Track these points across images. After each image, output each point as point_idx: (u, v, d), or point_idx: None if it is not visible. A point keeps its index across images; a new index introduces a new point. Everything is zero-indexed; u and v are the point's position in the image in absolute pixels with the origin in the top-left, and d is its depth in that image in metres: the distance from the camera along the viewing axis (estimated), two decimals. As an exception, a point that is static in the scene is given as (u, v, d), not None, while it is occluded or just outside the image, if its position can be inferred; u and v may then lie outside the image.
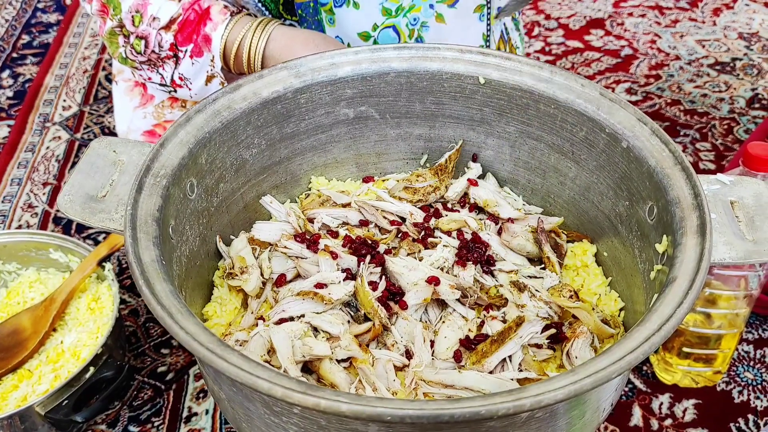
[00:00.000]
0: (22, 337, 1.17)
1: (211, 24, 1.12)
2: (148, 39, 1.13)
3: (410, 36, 1.25)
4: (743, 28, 2.15)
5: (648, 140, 0.84)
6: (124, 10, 1.14)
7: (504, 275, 0.91)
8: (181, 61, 1.14)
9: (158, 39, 1.13)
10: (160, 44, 1.14)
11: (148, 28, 1.13)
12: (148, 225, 0.71)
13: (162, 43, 1.13)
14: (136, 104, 1.36)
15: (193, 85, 1.17)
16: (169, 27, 1.13)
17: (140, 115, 1.35)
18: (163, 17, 1.12)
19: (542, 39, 2.14)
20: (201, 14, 1.12)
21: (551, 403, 0.57)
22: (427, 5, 1.24)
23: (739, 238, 0.77)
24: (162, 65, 1.16)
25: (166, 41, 1.13)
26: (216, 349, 0.60)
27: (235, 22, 1.12)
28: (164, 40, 1.13)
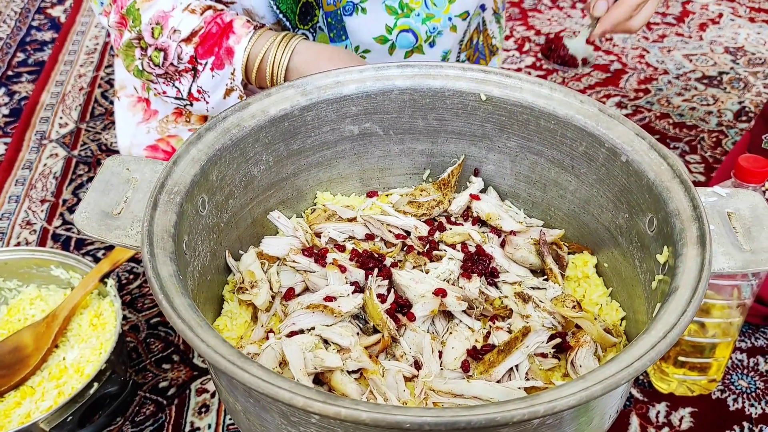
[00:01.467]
0: (23, 354, 1.18)
1: (234, 37, 1.13)
2: (167, 51, 1.14)
3: (426, 41, 1.32)
4: (729, 42, 2.20)
5: (646, 154, 0.87)
6: (144, 22, 1.15)
7: (508, 287, 0.93)
8: (200, 74, 1.15)
9: (178, 51, 1.14)
10: (180, 56, 1.15)
11: (168, 40, 1.14)
12: (164, 241, 0.73)
13: (182, 55, 1.14)
14: (139, 119, 1.37)
15: (211, 98, 1.17)
16: (189, 39, 1.14)
17: (143, 130, 1.37)
18: (185, 30, 1.13)
19: (533, 54, 2.18)
20: (223, 27, 1.13)
21: (564, 409, 0.59)
22: (446, 17, 1.31)
23: (737, 248, 0.79)
24: (179, 78, 1.17)
25: (186, 53, 1.14)
26: (236, 361, 0.62)
27: (259, 36, 1.13)
28: (184, 52, 1.14)
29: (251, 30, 1.13)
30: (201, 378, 1.28)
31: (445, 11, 1.31)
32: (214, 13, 1.15)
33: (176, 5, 1.15)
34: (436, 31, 1.31)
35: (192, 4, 1.16)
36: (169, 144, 1.34)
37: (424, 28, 1.30)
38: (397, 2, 1.27)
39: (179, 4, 1.15)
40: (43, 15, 2.43)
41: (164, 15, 1.15)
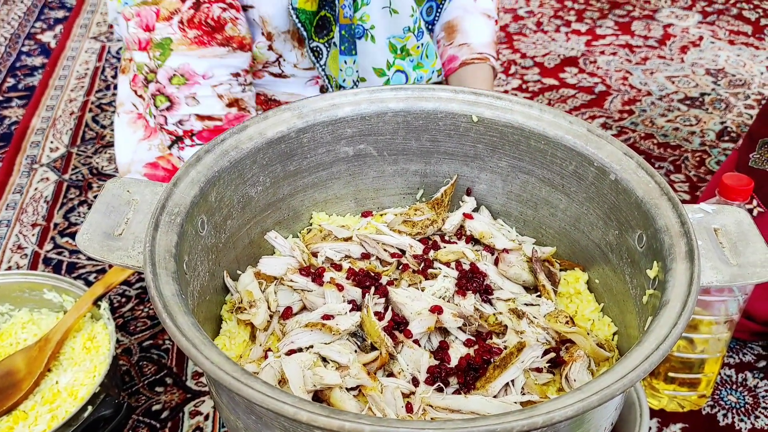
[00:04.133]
0: (16, 379, 1.17)
1: None
2: (174, 106, 1.16)
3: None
4: (710, 64, 2.25)
5: (635, 172, 0.89)
6: (169, 63, 1.15)
7: (502, 303, 0.95)
8: (186, 149, 1.19)
9: (184, 117, 1.17)
10: (182, 122, 1.17)
11: (181, 97, 1.16)
12: (166, 261, 0.74)
13: (185, 123, 1.17)
14: (140, 136, 1.38)
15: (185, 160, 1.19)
16: (202, 119, 1.16)
17: (145, 147, 1.38)
18: (203, 108, 1.16)
19: (519, 77, 2.22)
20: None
21: (562, 420, 0.60)
22: (431, 71, 1.40)
23: (724, 262, 0.82)
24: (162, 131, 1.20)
25: (190, 126, 1.17)
26: (241, 377, 0.63)
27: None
28: (190, 123, 1.17)
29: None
30: (194, 400, 1.29)
31: (433, 65, 1.40)
32: (238, 112, 1.19)
33: (209, 75, 1.17)
34: (422, 80, 1.39)
35: (222, 87, 1.18)
36: (170, 162, 1.36)
37: (414, 74, 1.36)
38: (401, 45, 1.32)
39: (212, 77, 1.17)
40: (33, 40, 2.44)
41: (193, 74, 1.16)
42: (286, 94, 1.32)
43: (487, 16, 1.42)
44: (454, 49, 1.40)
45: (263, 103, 1.33)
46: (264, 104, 1.33)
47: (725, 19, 2.50)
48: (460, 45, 1.40)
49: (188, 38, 1.15)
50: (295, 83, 1.32)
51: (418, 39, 1.35)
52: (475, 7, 1.42)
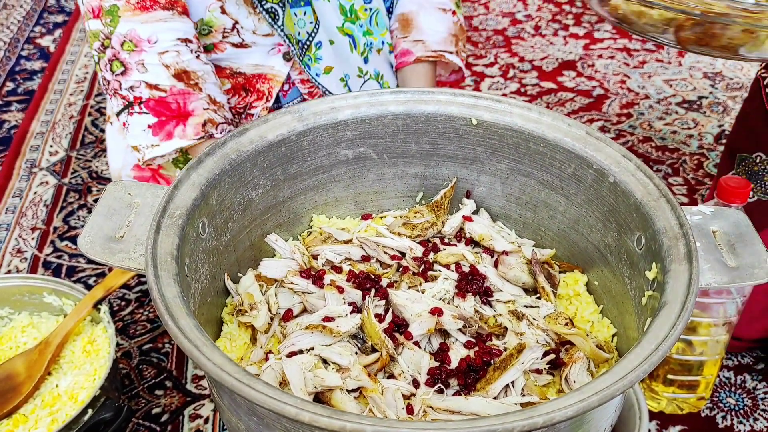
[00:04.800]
0: (16, 382, 1.17)
1: (181, 131, 1.20)
2: (127, 72, 1.19)
3: (362, 54, 1.40)
4: (707, 68, 2.26)
5: (633, 175, 0.90)
6: (119, 30, 1.18)
7: (502, 305, 0.95)
8: (134, 115, 1.20)
9: (135, 84, 1.19)
10: (133, 88, 1.19)
11: (132, 63, 1.19)
12: (168, 263, 0.75)
13: (135, 90, 1.19)
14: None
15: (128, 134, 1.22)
16: (151, 87, 1.18)
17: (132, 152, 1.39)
18: (150, 76, 1.18)
19: (517, 80, 2.23)
20: (181, 113, 1.19)
21: (562, 420, 0.60)
22: (381, 40, 1.41)
23: (723, 264, 0.82)
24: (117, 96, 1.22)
25: (140, 93, 1.19)
26: (243, 379, 0.63)
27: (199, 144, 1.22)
28: (140, 90, 1.19)
29: (196, 139, 1.20)
30: (194, 403, 1.29)
31: (383, 34, 1.41)
32: (185, 87, 1.19)
33: (153, 40, 1.18)
34: (371, 47, 1.40)
35: (168, 55, 1.19)
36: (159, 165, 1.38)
37: (363, 39, 1.38)
38: (349, 5, 1.35)
39: (157, 42, 1.19)
40: (33, 45, 2.45)
41: (140, 40, 1.18)
42: (251, 65, 1.32)
43: (443, 10, 1.42)
44: (408, 44, 1.41)
45: (229, 77, 1.33)
46: (230, 77, 1.33)
47: (722, 23, 2.50)
48: (415, 41, 1.40)
49: (131, 4, 1.18)
50: (257, 52, 1.31)
51: (366, 2, 1.37)
52: (429, 1, 1.42)
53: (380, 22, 1.41)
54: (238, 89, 1.33)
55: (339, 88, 1.37)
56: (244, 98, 1.34)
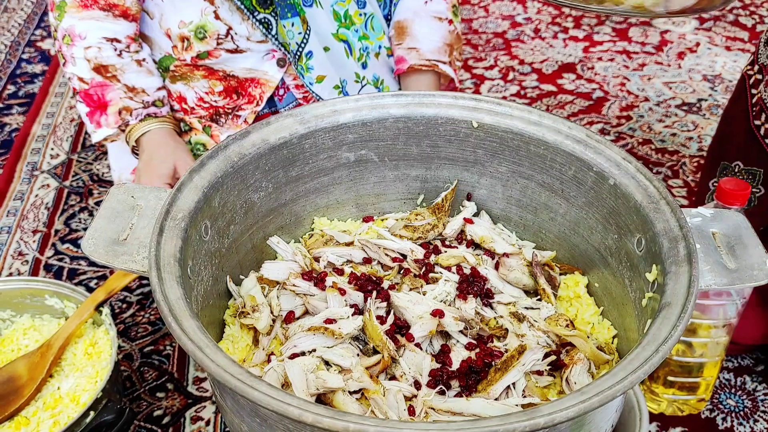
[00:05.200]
0: (17, 385, 1.18)
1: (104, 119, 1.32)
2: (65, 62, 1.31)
3: (359, 59, 1.42)
4: (707, 70, 2.27)
5: (633, 177, 0.90)
6: (62, 24, 1.29)
7: (503, 307, 0.95)
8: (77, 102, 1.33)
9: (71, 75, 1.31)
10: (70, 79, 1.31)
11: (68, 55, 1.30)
12: (171, 265, 0.75)
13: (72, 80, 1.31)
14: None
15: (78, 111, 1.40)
16: (80, 80, 1.30)
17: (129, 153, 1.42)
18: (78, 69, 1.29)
19: (517, 83, 2.23)
20: (100, 103, 1.31)
21: (563, 421, 0.61)
22: (377, 44, 1.43)
23: (722, 266, 0.82)
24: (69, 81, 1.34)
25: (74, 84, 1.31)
26: (246, 380, 0.63)
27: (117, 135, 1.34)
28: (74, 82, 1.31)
29: (116, 128, 1.32)
30: (195, 406, 1.29)
31: (380, 38, 1.43)
32: (102, 79, 1.29)
33: (83, 36, 1.28)
34: (368, 51, 1.42)
35: (90, 51, 1.28)
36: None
37: (358, 44, 1.40)
38: (343, 10, 1.37)
39: (85, 39, 1.28)
40: (34, 48, 2.45)
41: (75, 35, 1.28)
42: (245, 69, 1.35)
43: (438, 18, 1.43)
44: (403, 51, 1.42)
45: (221, 79, 1.35)
46: (222, 80, 1.35)
47: (722, 26, 2.51)
48: (409, 48, 1.42)
49: (77, 1, 1.28)
50: (251, 57, 1.34)
51: (359, 6, 1.38)
52: (425, 10, 1.43)
53: (376, 26, 1.42)
54: (229, 92, 1.36)
55: (333, 95, 1.39)
56: (235, 101, 1.36)
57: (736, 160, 1.36)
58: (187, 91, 1.37)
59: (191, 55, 1.31)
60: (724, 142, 1.41)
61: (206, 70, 1.34)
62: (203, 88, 1.36)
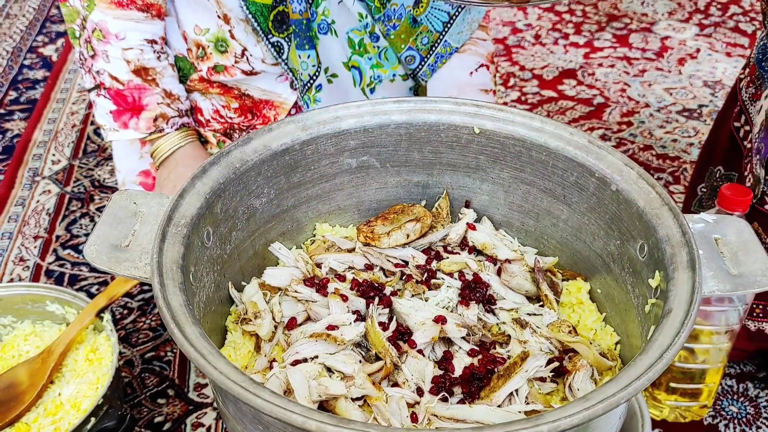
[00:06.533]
0: (18, 391, 1.18)
1: (134, 123, 1.29)
2: (95, 56, 1.25)
3: (368, 85, 1.41)
4: (707, 76, 2.27)
5: (635, 183, 0.90)
6: (93, 17, 1.23)
7: (505, 313, 0.95)
8: (101, 97, 1.28)
9: (99, 70, 1.26)
10: (99, 73, 1.26)
11: (99, 50, 1.25)
12: (173, 272, 0.75)
13: (101, 75, 1.26)
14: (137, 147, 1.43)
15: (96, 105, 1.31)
16: (112, 78, 1.25)
17: (137, 156, 1.43)
18: (113, 67, 1.25)
19: (518, 89, 2.24)
20: (135, 106, 1.27)
21: (568, 428, 0.61)
22: (391, 73, 1.41)
23: (726, 272, 0.82)
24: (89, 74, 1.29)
25: (103, 80, 1.26)
26: (249, 387, 0.63)
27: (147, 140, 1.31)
28: (103, 77, 1.26)
29: (147, 133, 1.29)
30: (196, 412, 1.29)
31: (394, 68, 1.42)
32: (142, 83, 1.26)
33: (121, 36, 1.24)
34: (380, 79, 1.41)
35: (132, 52, 1.25)
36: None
37: (370, 72, 1.39)
38: (358, 39, 1.36)
39: (124, 39, 1.24)
40: (35, 54, 2.46)
41: (108, 32, 1.24)
42: (259, 89, 1.34)
43: (485, 91, 1.42)
44: None
45: (238, 98, 1.35)
46: (238, 98, 1.35)
47: (722, 32, 2.52)
48: None
49: None
50: (266, 78, 1.33)
51: (372, 40, 1.37)
52: (471, 85, 1.41)
53: (390, 57, 1.40)
54: (245, 110, 1.35)
55: None
56: (250, 120, 1.36)
57: (719, 165, 1.36)
58: (203, 101, 1.36)
59: (207, 65, 1.30)
60: (712, 147, 1.41)
61: (221, 87, 1.34)
62: (220, 102, 1.35)
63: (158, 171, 1.32)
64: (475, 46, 1.42)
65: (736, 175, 1.31)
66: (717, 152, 1.38)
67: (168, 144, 1.29)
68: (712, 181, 1.37)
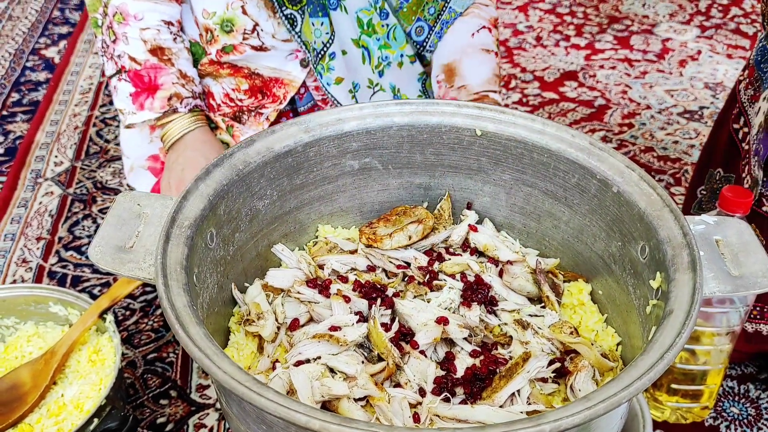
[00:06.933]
0: (21, 392, 1.18)
1: (149, 103, 1.30)
2: (116, 40, 1.29)
3: (377, 67, 1.42)
4: (708, 78, 2.27)
5: (637, 185, 0.91)
6: (112, 2, 1.28)
7: (507, 314, 0.96)
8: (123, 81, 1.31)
9: (120, 53, 1.29)
10: (120, 56, 1.29)
11: (120, 33, 1.29)
12: (177, 273, 0.76)
13: (122, 58, 1.29)
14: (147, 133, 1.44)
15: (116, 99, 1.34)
16: (132, 59, 1.29)
17: (146, 140, 1.43)
18: (131, 49, 1.29)
19: (519, 91, 2.24)
20: (151, 85, 1.29)
21: (569, 427, 0.61)
22: (399, 53, 1.42)
23: (726, 273, 0.83)
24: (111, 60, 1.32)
25: (123, 62, 1.29)
26: (253, 387, 0.64)
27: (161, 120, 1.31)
28: (124, 60, 1.29)
29: (161, 112, 1.30)
30: (199, 413, 1.29)
31: (402, 48, 1.43)
32: (157, 62, 1.29)
33: (139, 17, 1.28)
34: (388, 61, 1.42)
35: (148, 32, 1.28)
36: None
37: (378, 53, 1.40)
38: (367, 18, 1.37)
39: (142, 20, 1.28)
40: (38, 56, 2.46)
41: (127, 14, 1.28)
42: (269, 68, 1.36)
43: (486, 51, 1.42)
44: (454, 92, 1.42)
45: (247, 77, 1.36)
46: (248, 78, 1.36)
47: (723, 33, 2.52)
48: (459, 88, 1.41)
49: None
50: (275, 56, 1.34)
51: (382, 18, 1.38)
52: (472, 45, 1.42)
53: (398, 36, 1.41)
54: (255, 91, 1.37)
55: (347, 98, 1.39)
56: (260, 100, 1.37)
57: (718, 167, 1.36)
58: (214, 86, 1.38)
59: (216, 48, 1.32)
60: (711, 149, 1.42)
61: (231, 68, 1.35)
62: (230, 85, 1.36)
63: (167, 154, 1.32)
64: (477, 9, 1.43)
65: (734, 176, 1.32)
66: (717, 154, 1.38)
67: (178, 128, 1.30)
68: (711, 183, 1.37)
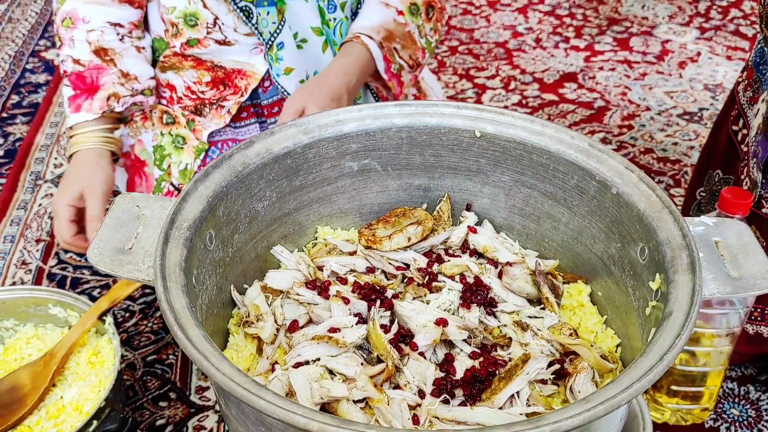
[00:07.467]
0: (20, 394, 1.18)
1: (87, 104, 1.32)
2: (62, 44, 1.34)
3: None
4: (708, 80, 2.27)
5: (636, 186, 0.91)
6: (63, 6, 1.32)
7: (506, 316, 0.96)
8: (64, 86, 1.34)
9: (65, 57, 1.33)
10: (63, 61, 1.33)
11: (66, 37, 1.33)
12: (176, 275, 0.76)
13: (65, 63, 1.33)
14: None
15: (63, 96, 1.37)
16: (75, 62, 1.32)
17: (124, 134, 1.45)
18: (77, 51, 1.32)
19: (519, 92, 2.24)
20: (92, 87, 1.32)
21: (569, 429, 0.61)
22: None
23: (726, 274, 0.83)
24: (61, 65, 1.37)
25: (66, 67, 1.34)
26: (252, 389, 0.64)
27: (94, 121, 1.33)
28: (67, 64, 1.33)
29: (99, 113, 1.32)
30: (198, 415, 1.29)
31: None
32: (100, 62, 1.32)
33: (87, 19, 1.31)
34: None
35: (93, 33, 1.31)
36: (133, 150, 1.46)
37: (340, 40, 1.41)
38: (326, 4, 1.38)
39: (89, 22, 1.31)
40: (37, 58, 2.47)
41: (77, 18, 1.31)
42: (232, 61, 1.36)
43: (385, 5, 1.39)
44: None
45: (209, 69, 1.37)
46: (210, 70, 1.37)
47: (722, 35, 2.52)
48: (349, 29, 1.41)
49: None
50: (239, 51, 1.35)
51: (329, 12, 1.38)
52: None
53: (345, 32, 1.42)
54: (217, 83, 1.38)
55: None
56: (221, 92, 1.38)
57: (717, 169, 1.36)
58: (175, 78, 1.39)
59: (181, 41, 1.33)
60: (710, 150, 1.42)
61: (194, 60, 1.36)
62: (192, 78, 1.38)
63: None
64: None
65: (733, 178, 1.32)
66: (716, 156, 1.38)
67: (75, 142, 1.33)
68: (711, 185, 1.37)
